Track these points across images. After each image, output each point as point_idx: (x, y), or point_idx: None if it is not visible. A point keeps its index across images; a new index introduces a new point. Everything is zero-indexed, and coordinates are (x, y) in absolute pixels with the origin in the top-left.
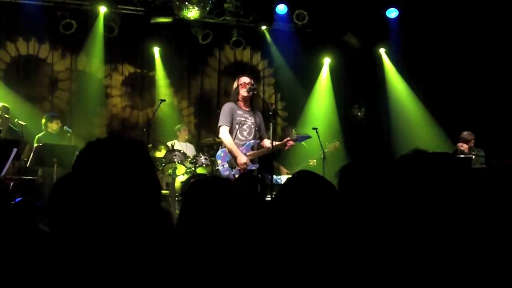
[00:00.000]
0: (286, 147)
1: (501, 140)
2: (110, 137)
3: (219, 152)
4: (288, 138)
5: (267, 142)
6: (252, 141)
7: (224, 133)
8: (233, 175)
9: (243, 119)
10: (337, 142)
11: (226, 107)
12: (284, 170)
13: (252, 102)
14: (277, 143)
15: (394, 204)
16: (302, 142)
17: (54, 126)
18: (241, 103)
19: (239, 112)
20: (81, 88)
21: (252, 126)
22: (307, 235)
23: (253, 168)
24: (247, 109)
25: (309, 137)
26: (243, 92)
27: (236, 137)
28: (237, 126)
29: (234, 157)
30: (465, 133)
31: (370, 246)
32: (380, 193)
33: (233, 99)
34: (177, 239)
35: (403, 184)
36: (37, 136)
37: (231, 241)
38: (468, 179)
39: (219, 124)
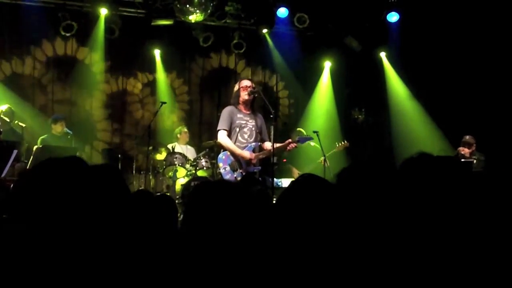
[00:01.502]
0: (288, 148)
1: (503, 145)
2: (43, 163)
3: (220, 156)
4: (290, 140)
5: (268, 145)
6: (253, 143)
7: (222, 136)
8: (235, 177)
9: (244, 122)
10: (346, 142)
11: (225, 111)
12: (295, 171)
13: (253, 105)
14: (278, 144)
15: (395, 206)
16: (314, 144)
17: (58, 128)
18: (241, 106)
19: (239, 115)
20: (81, 89)
21: (253, 128)
22: (311, 238)
23: (255, 170)
24: (248, 112)
25: (310, 138)
26: (244, 95)
27: (237, 140)
28: (237, 129)
29: (237, 158)
30: (467, 137)
31: (373, 248)
32: (381, 195)
33: (233, 102)
34: (180, 241)
35: (408, 186)
36: (40, 138)
37: (236, 244)
38: (469, 183)
39: (217, 128)
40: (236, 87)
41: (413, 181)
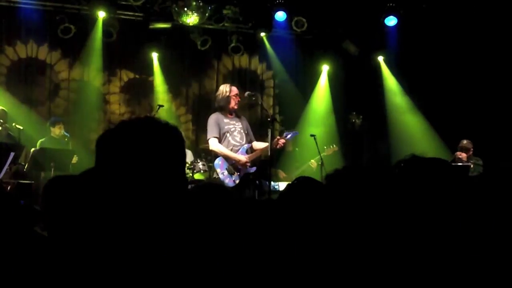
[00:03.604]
0: (278, 146)
1: (500, 149)
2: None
3: (216, 161)
4: (278, 137)
5: (256, 145)
6: (246, 144)
7: (214, 144)
8: (234, 181)
9: (232, 126)
10: (335, 146)
11: (212, 120)
12: (282, 173)
13: (236, 109)
14: (266, 144)
15: (388, 208)
16: (296, 148)
17: (56, 130)
18: (226, 112)
19: (225, 120)
20: (79, 93)
21: (242, 130)
22: (308, 240)
23: (251, 171)
24: (232, 116)
25: (296, 133)
26: (234, 105)
27: (230, 143)
28: (227, 134)
29: (232, 162)
30: (464, 141)
31: (367, 250)
32: (373, 196)
33: (221, 106)
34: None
35: (400, 188)
36: (39, 141)
37: (234, 245)
38: (464, 186)
39: (207, 137)
40: (225, 92)
41: (405, 183)
